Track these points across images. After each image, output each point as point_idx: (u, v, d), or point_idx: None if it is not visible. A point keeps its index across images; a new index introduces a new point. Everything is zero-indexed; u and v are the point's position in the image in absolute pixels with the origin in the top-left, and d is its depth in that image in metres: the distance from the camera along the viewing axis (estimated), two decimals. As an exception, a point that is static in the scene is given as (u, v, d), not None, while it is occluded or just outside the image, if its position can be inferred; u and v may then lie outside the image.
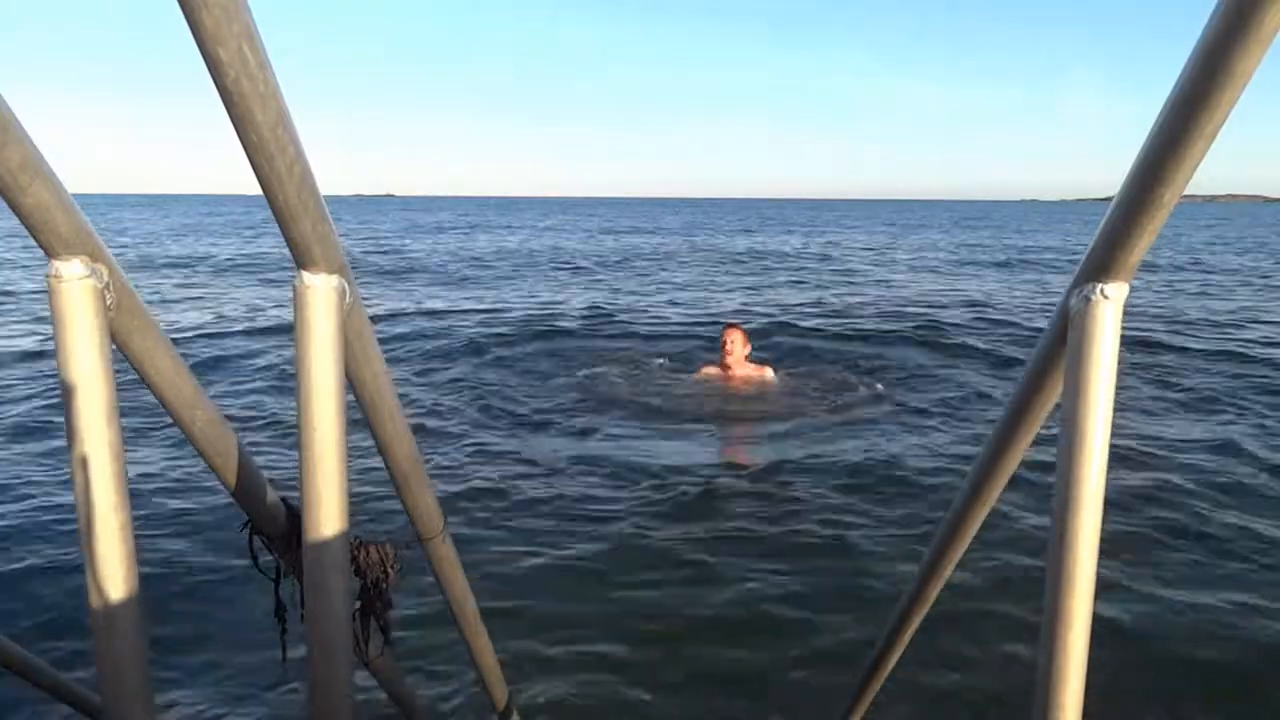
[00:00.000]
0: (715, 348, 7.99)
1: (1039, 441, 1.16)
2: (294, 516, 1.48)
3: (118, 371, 1.06)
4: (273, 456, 5.84)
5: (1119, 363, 0.94)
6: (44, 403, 7.10)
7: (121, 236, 33.57)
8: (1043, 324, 1.03)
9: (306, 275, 1.07)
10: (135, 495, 4.80)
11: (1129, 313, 0.96)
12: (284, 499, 1.49)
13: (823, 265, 22.89)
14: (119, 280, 1.05)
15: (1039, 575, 0.99)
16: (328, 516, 1.16)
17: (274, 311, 12.85)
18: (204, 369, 8.68)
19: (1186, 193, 0.85)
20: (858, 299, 14.79)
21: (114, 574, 1.08)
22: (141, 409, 6.13)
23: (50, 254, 0.98)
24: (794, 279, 19.09)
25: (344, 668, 1.25)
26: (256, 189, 0.94)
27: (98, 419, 1.04)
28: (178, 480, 5.28)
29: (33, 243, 0.99)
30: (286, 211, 0.96)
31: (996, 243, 35.60)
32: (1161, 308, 13.71)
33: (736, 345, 7.56)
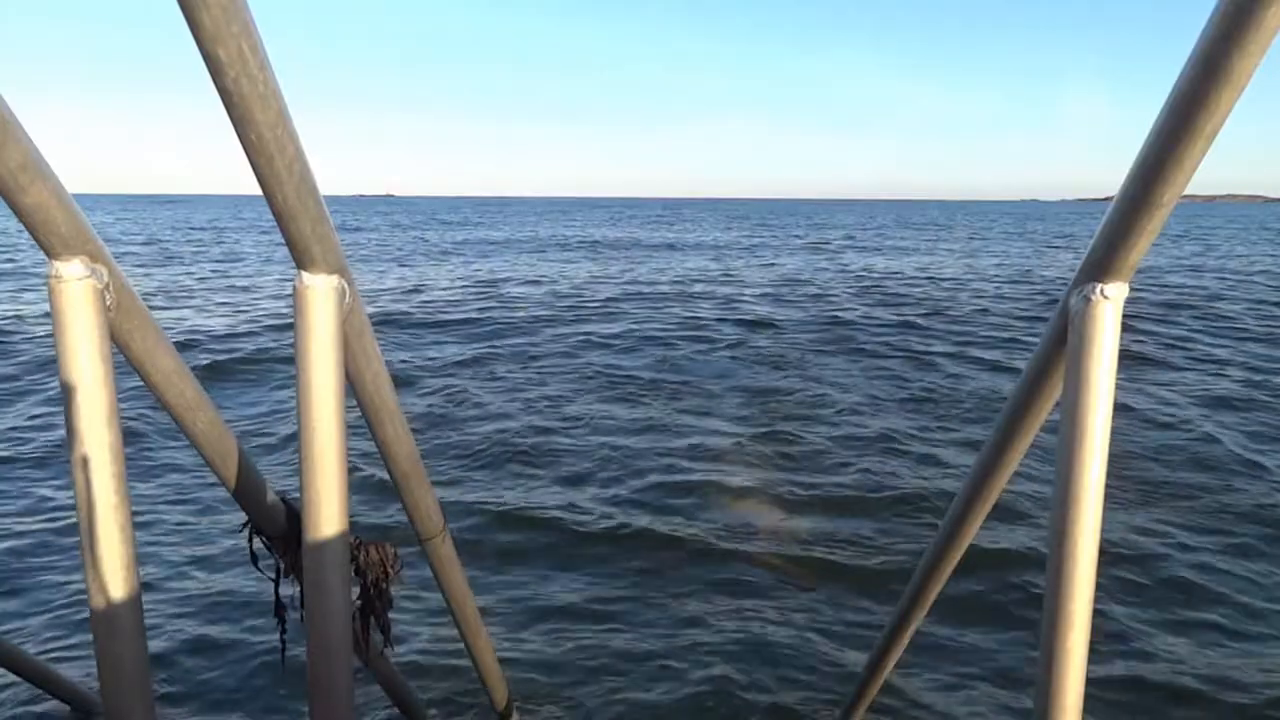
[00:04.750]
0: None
1: (1039, 442, 1.16)
2: (294, 516, 1.48)
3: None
4: (272, 457, 5.84)
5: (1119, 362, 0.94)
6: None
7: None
8: None
9: (306, 275, 1.07)
10: (135, 495, 4.80)
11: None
12: (284, 499, 1.49)
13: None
14: (119, 280, 1.05)
15: (1039, 575, 0.99)
16: (328, 516, 1.16)
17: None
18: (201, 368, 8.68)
19: (1186, 193, 0.85)
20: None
21: (114, 574, 1.08)
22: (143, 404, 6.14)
23: (50, 254, 0.97)
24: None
25: (344, 668, 1.25)
26: (256, 189, 0.94)
27: (98, 419, 1.04)
28: (178, 479, 5.27)
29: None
30: (286, 211, 0.96)
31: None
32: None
33: None
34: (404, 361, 8.95)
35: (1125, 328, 0.96)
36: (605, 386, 8.02)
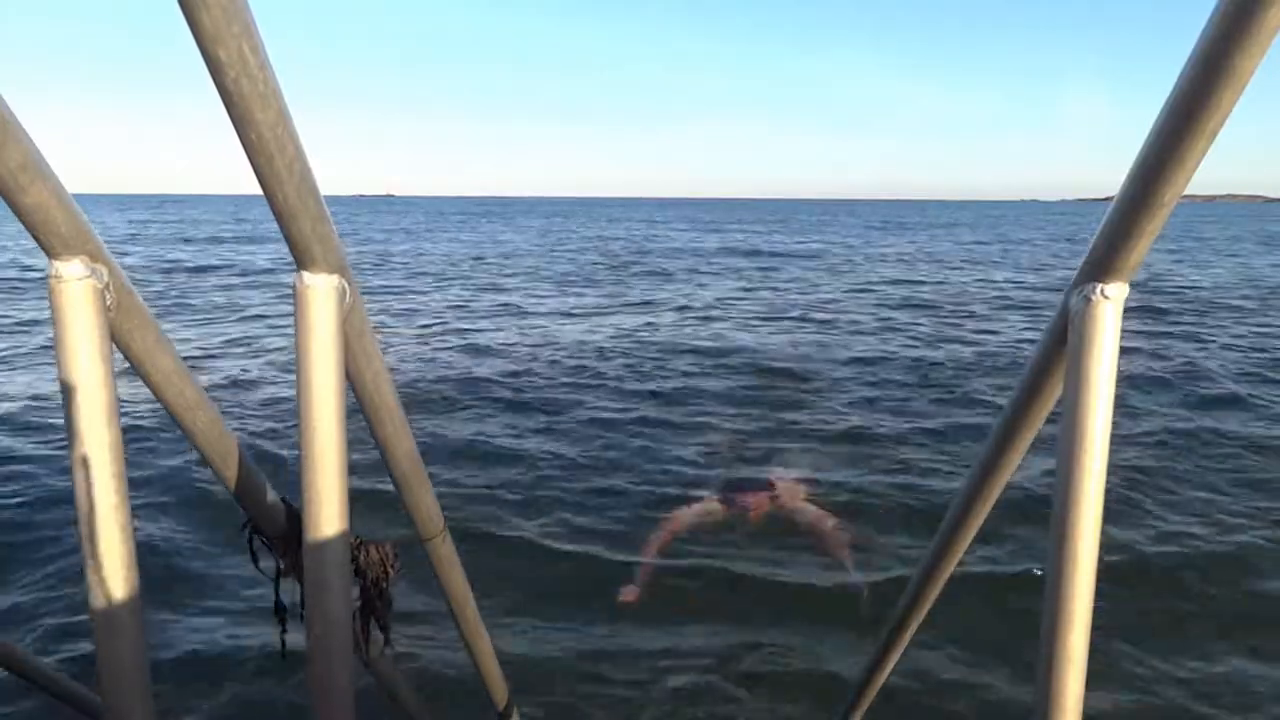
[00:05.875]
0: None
1: (1039, 441, 1.16)
2: (294, 516, 1.48)
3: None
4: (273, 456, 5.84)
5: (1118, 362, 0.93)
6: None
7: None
8: None
9: (306, 275, 1.07)
10: (136, 495, 4.80)
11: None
12: (284, 499, 1.49)
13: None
14: (119, 280, 1.04)
15: (1039, 575, 0.99)
16: (328, 516, 1.16)
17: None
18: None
19: (1186, 193, 0.85)
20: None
21: (114, 574, 1.08)
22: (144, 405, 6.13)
23: (50, 254, 0.97)
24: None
25: (344, 668, 1.25)
26: (256, 188, 0.94)
27: (98, 419, 1.03)
28: (178, 479, 5.27)
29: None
30: (286, 211, 0.96)
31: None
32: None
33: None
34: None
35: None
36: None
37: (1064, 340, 0.97)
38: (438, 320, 12.33)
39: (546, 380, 8.35)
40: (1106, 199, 1.06)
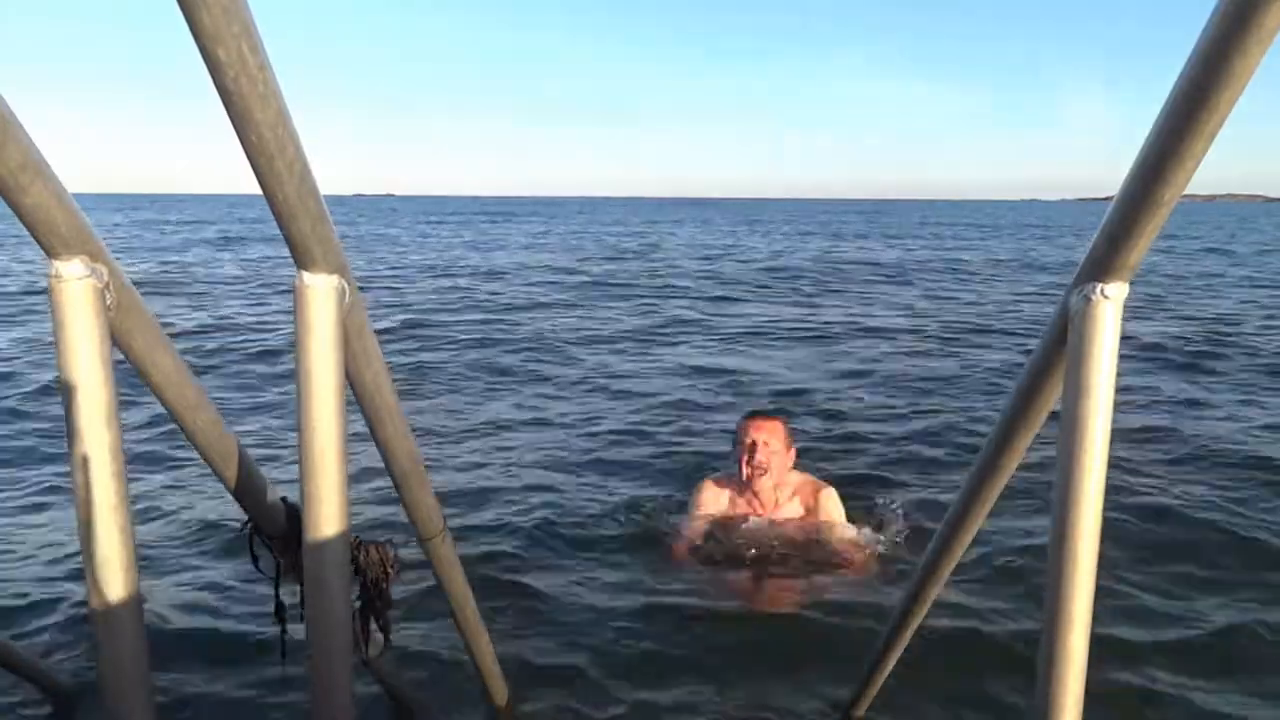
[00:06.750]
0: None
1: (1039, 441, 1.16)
2: (294, 516, 1.48)
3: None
4: (273, 457, 5.84)
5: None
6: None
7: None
8: None
9: (306, 275, 1.07)
10: (135, 494, 4.81)
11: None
12: (284, 499, 1.50)
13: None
14: (119, 280, 1.05)
15: (1040, 575, 0.99)
16: (328, 516, 1.16)
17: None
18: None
19: (1186, 193, 0.85)
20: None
21: (114, 574, 1.08)
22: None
23: (50, 254, 0.98)
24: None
25: (344, 668, 1.25)
26: (255, 188, 0.94)
27: (98, 419, 1.04)
28: (178, 478, 5.28)
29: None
30: (286, 211, 0.96)
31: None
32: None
33: (774, 445, 4.16)
34: None
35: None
36: None
37: (1064, 340, 0.97)
38: (439, 317, 12.36)
39: (547, 380, 8.36)
40: (1108, 198, 1.06)
